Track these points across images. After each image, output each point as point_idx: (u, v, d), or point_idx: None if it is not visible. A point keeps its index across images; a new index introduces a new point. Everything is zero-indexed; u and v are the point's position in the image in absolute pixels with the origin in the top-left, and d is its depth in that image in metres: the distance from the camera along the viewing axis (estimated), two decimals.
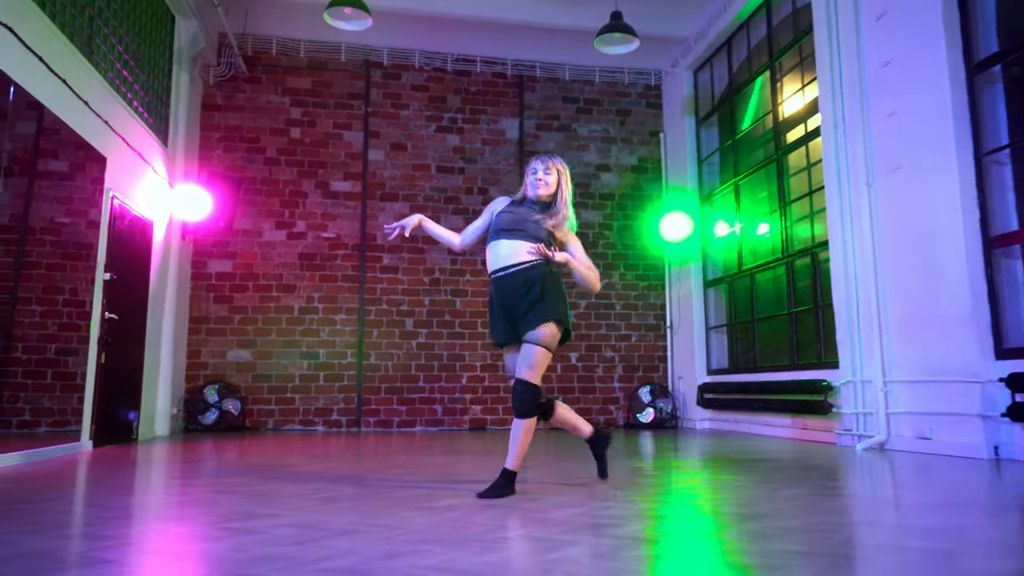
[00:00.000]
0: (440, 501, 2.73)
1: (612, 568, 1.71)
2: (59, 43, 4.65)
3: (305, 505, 2.65)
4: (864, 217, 4.92)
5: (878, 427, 4.73)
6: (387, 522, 2.28)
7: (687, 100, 8.24)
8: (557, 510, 2.52)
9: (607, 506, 2.63)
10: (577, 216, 3.46)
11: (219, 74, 7.77)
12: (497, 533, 2.11)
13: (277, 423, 7.43)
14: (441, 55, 8.37)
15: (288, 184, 7.89)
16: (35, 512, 2.46)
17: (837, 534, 2.09)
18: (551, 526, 2.21)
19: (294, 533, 2.10)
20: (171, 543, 2.06)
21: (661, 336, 8.24)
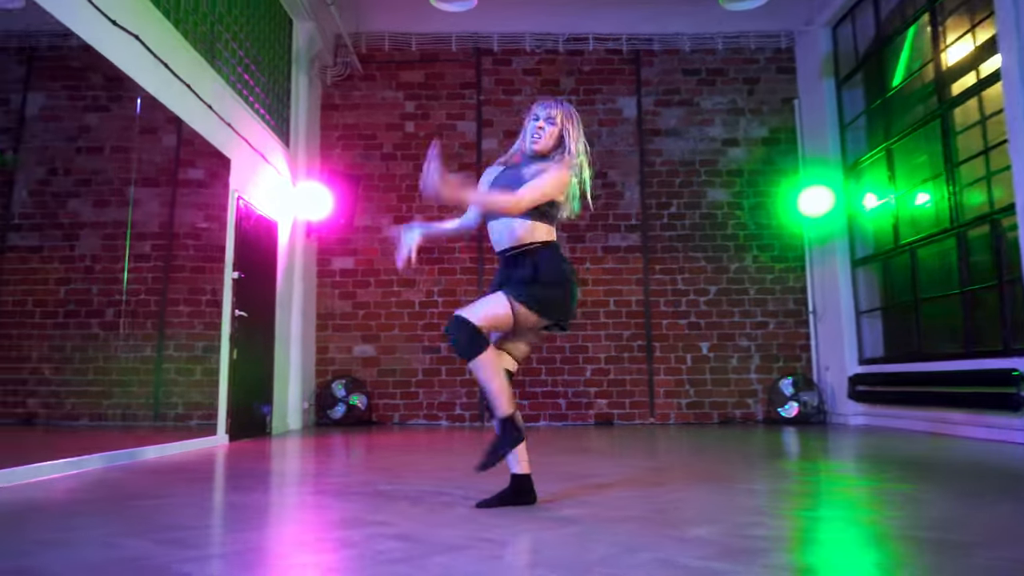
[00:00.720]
0: (562, 510, 2.44)
1: None
2: (184, 50, 4.78)
3: (416, 512, 2.44)
4: None
5: None
6: (498, 536, 2.02)
7: (825, 60, 7.42)
8: (693, 527, 2.13)
9: (747, 522, 2.22)
10: (593, 170, 2.72)
11: (336, 74, 7.89)
12: (625, 558, 1.79)
13: (402, 417, 7.45)
14: (552, 36, 8.06)
15: (404, 179, 7.89)
16: (146, 509, 2.42)
17: None
18: (691, 548, 1.85)
19: (395, 548, 1.88)
20: (262, 554, 1.90)
21: (803, 323, 7.49)
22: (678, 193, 7.80)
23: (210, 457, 4.34)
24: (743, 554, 1.80)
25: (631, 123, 7.95)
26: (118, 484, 3.16)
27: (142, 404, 5.25)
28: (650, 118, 7.96)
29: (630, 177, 7.85)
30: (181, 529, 2.14)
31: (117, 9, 3.96)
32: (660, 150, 7.90)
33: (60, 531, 2.11)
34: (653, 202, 7.79)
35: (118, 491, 2.96)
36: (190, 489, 3.04)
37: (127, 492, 2.93)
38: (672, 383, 7.44)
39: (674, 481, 3.16)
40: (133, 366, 5.20)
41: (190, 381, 5.46)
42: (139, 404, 5.22)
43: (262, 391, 6.06)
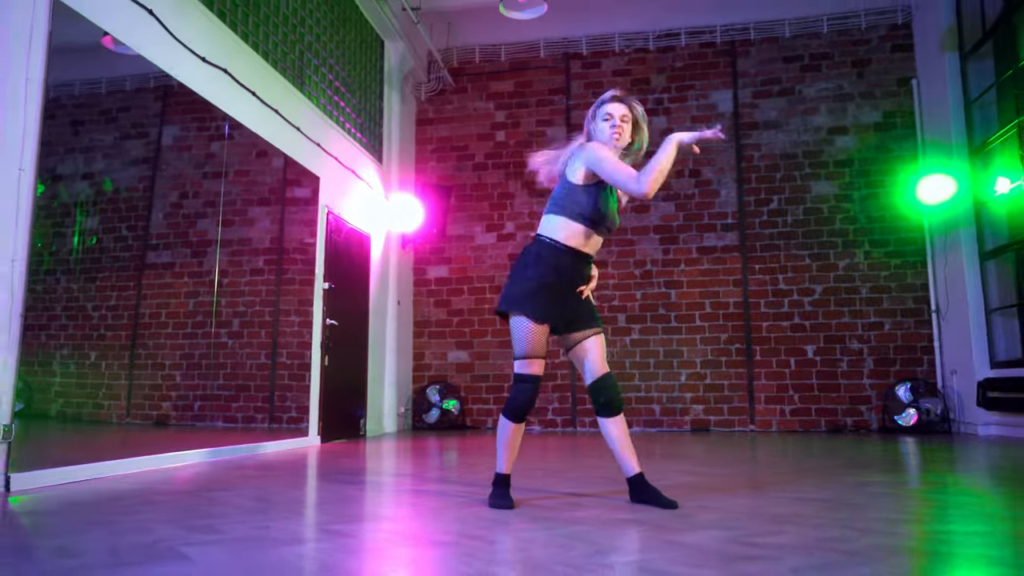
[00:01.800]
0: (567, 512, 2.34)
1: None
2: (272, 79, 5.12)
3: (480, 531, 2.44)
4: None
5: None
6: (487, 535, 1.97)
7: (947, 32, 6.73)
8: (696, 532, 1.98)
9: (762, 531, 2.02)
10: None
11: (430, 89, 8.15)
12: (596, 558, 1.68)
13: (495, 423, 7.51)
14: (642, 34, 7.89)
15: (496, 187, 7.99)
16: (204, 500, 2.59)
17: None
18: (676, 552, 1.71)
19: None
20: (268, 543, 1.97)
21: (924, 323, 6.80)
22: (779, 188, 7.35)
23: (299, 456, 4.57)
24: (734, 561, 1.64)
25: (726, 118, 7.60)
26: (202, 477, 3.40)
27: (259, 408, 5.67)
28: (747, 111, 7.58)
29: (726, 174, 7.49)
30: (219, 517, 2.27)
31: (207, 47, 4.32)
32: (759, 144, 7.49)
33: (117, 515, 2.30)
34: (751, 199, 7.39)
35: (197, 483, 3.19)
36: (259, 483, 3.22)
37: (203, 484, 3.15)
38: (774, 388, 6.99)
39: (730, 488, 2.95)
40: (251, 372, 5.64)
41: (301, 387, 5.81)
42: (256, 407, 5.64)
43: (355, 395, 6.32)
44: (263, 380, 5.79)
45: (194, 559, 1.72)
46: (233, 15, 4.71)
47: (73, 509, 2.47)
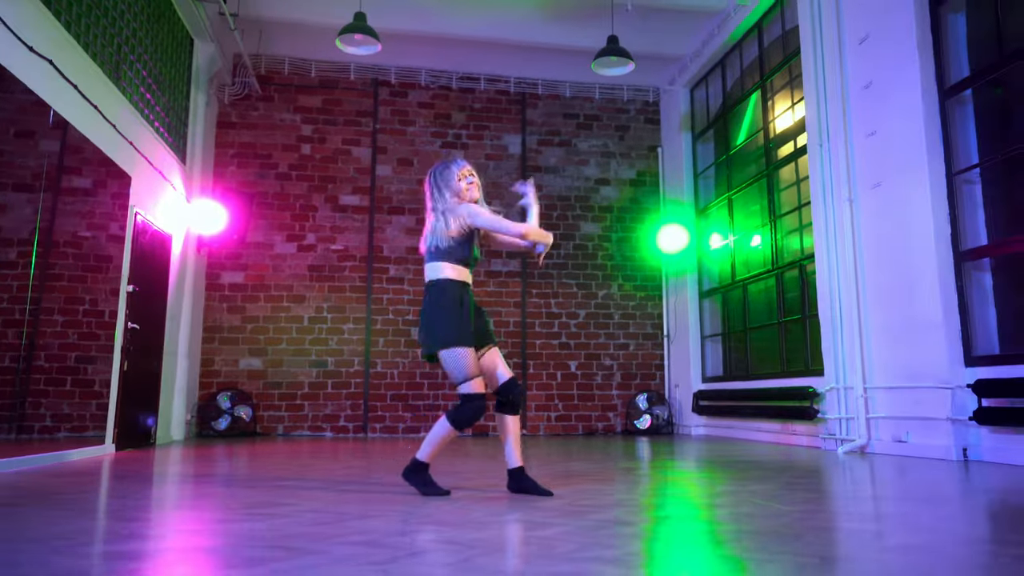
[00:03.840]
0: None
1: (591, 544, 1.97)
2: (91, 71, 4.98)
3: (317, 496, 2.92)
4: (847, 231, 5.17)
5: (859, 431, 4.96)
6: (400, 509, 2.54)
7: (684, 116, 8.51)
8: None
9: (578, 494, 2.88)
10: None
11: (234, 93, 8.12)
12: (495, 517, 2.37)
13: (287, 428, 7.71)
14: (447, 73, 8.69)
15: (299, 198, 8.21)
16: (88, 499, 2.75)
17: (807, 521, 2.34)
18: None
19: (315, 517, 2.37)
20: (201, 525, 2.34)
21: (658, 345, 8.48)
22: (555, 225, 8.60)
23: (101, 465, 4.52)
24: (576, 512, 2.43)
25: (515, 159, 8.70)
26: (53, 483, 3.39)
27: (11, 416, 5.25)
28: (533, 155, 8.75)
29: (512, 209, 8.50)
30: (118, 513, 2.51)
31: (33, 35, 4.17)
32: (541, 185, 8.68)
33: None
34: None
35: (68, 484, 3.21)
36: (106, 487, 3.32)
37: (73, 486, 3.19)
38: (543, 398, 8.17)
39: None
40: (33, 377, 5.23)
41: (60, 391, 5.51)
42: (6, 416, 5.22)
43: (149, 402, 6.18)
44: (4, 386, 5.39)
45: None
46: (59, 2, 4.56)
47: None
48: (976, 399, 4.08)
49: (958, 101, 4.60)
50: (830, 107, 5.46)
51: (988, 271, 4.38)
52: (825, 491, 3.24)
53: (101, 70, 5.15)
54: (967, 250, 4.40)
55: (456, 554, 1.83)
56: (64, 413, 5.50)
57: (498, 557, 1.84)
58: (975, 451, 4.18)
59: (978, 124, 4.50)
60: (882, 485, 3.41)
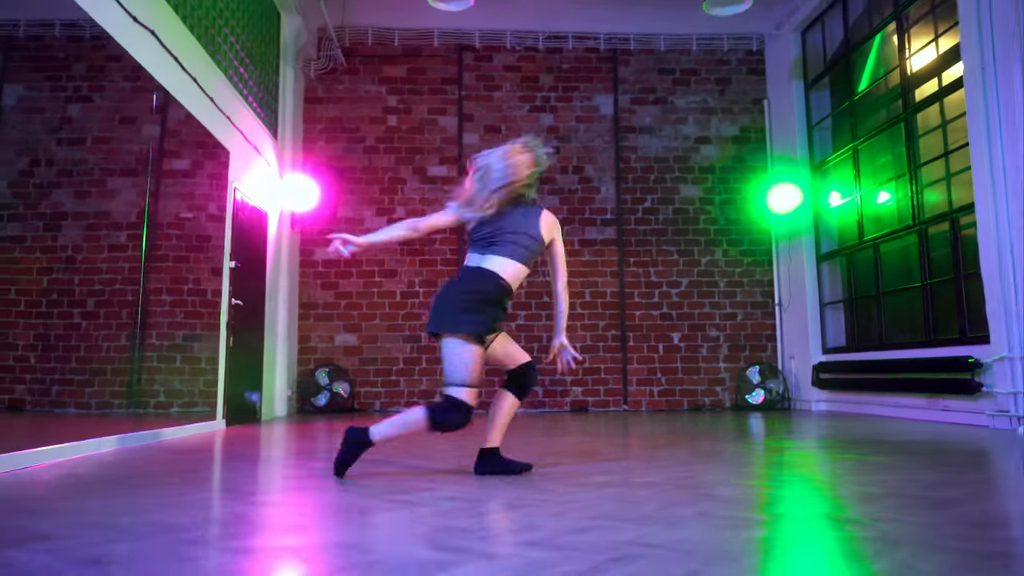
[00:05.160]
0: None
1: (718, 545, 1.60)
2: (190, 44, 4.85)
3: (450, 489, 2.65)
4: (1020, 169, 4.47)
5: None
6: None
7: (794, 63, 7.79)
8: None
9: (709, 484, 2.50)
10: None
11: (319, 67, 7.97)
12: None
13: (384, 404, 7.61)
14: (532, 33, 8.27)
15: (387, 171, 8.03)
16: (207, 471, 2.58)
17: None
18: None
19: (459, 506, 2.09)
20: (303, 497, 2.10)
21: (769, 314, 7.89)
22: (652, 189, 8.11)
23: (215, 439, 4.45)
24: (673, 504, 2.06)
25: (607, 120, 8.22)
26: (177, 460, 3.29)
27: (115, 392, 5.30)
28: (626, 116, 8.24)
29: (606, 173, 8.12)
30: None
31: (134, 4, 4.04)
32: (635, 147, 8.19)
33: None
34: (628, 197, 8.08)
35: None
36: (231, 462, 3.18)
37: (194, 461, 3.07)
38: (644, 372, 7.76)
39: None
40: (106, 355, 5.27)
41: (171, 368, 5.53)
42: (112, 392, 5.27)
43: (253, 378, 6.16)
44: (121, 363, 5.45)
45: None
46: None
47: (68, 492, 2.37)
48: None
49: None
50: (996, 25, 4.71)
51: None
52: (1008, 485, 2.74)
53: (199, 42, 5.02)
54: None
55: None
56: (176, 389, 5.53)
57: None
58: None
59: None
60: None
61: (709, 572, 1.37)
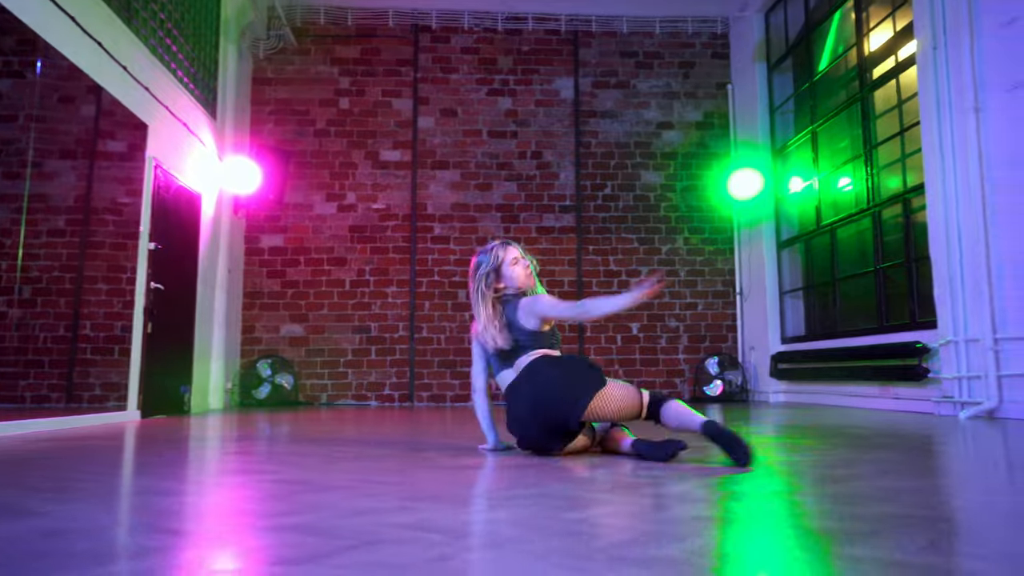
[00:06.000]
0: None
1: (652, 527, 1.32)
2: (94, 5, 4.55)
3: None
4: (971, 148, 4.23)
5: (987, 392, 4.08)
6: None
7: (758, 46, 7.54)
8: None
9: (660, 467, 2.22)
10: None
11: (269, 47, 7.67)
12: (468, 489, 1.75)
13: (330, 398, 7.32)
14: (491, 14, 7.99)
15: (338, 156, 7.73)
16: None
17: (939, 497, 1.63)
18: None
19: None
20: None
21: (730, 304, 7.63)
22: (612, 175, 7.84)
23: (116, 431, 4.16)
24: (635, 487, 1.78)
25: (568, 104, 7.95)
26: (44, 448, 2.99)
27: (54, 386, 5.01)
28: (587, 100, 7.97)
29: (565, 158, 7.85)
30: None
31: None
32: (596, 132, 7.92)
33: None
34: (588, 183, 7.81)
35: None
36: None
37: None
38: (602, 363, 7.48)
39: None
40: (44, 347, 4.97)
41: (107, 361, 5.24)
42: (51, 385, 4.99)
43: (180, 368, 5.86)
44: (60, 355, 5.16)
45: None
46: None
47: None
48: None
49: None
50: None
51: None
52: (946, 468, 2.48)
53: (108, 6, 4.72)
54: None
55: None
56: (113, 382, 5.23)
57: None
58: None
59: None
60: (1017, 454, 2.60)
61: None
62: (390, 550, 1.16)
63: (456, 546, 1.18)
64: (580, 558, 1.14)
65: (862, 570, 1.06)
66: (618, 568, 1.04)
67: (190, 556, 1.16)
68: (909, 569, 1.04)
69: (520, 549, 1.16)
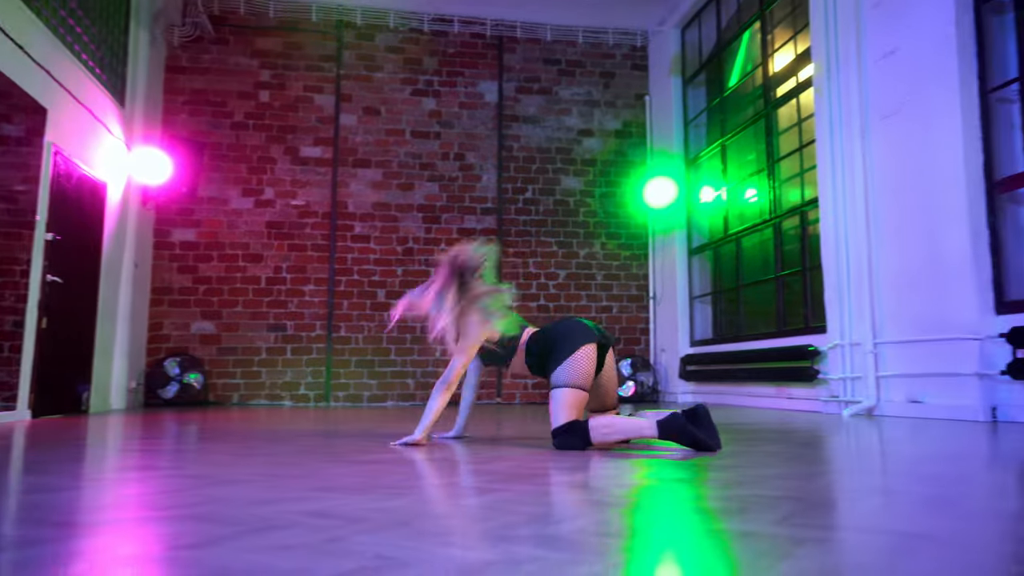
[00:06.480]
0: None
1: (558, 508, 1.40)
2: None
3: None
4: (856, 168, 4.58)
5: (866, 392, 4.42)
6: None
7: (674, 60, 7.87)
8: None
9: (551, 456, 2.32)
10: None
11: (184, 35, 7.40)
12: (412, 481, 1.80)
13: (243, 397, 7.13)
14: (417, 15, 7.99)
15: (256, 150, 7.55)
16: None
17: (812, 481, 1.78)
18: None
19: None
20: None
21: (643, 307, 7.92)
22: (534, 179, 7.99)
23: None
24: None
25: (491, 108, 8.05)
26: None
27: None
28: (510, 104, 8.09)
29: (488, 161, 7.94)
30: None
31: None
32: (518, 136, 8.05)
33: None
34: (509, 186, 7.93)
35: None
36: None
37: None
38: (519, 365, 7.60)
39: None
40: None
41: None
42: None
43: (79, 366, 5.58)
44: None
45: None
46: None
47: None
48: (1010, 350, 3.53)
49: (994, 7, 3.98)
50: (840, 27, 4.83)
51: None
52: (819, 457, 2.70)
53: None
54: (1002, 179, 3.82)
55: None
56: (3, 381, 4.92)
57: None
58: (1006, 410, 3.64)
59: (1019, 31, 3.88)
60: (894, 449, 2.86)
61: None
62: (286, 534, 1.19)
63: (349, 529, 1.23)
64: (471, 537, 1.20)
65: (721, 540, 1.18)
66: (506, 545, 1.11)
67: (82, 545, 1.16)
68: (760, 538, 1.17)
69: (413, 531, 1.22)
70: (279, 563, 1.02)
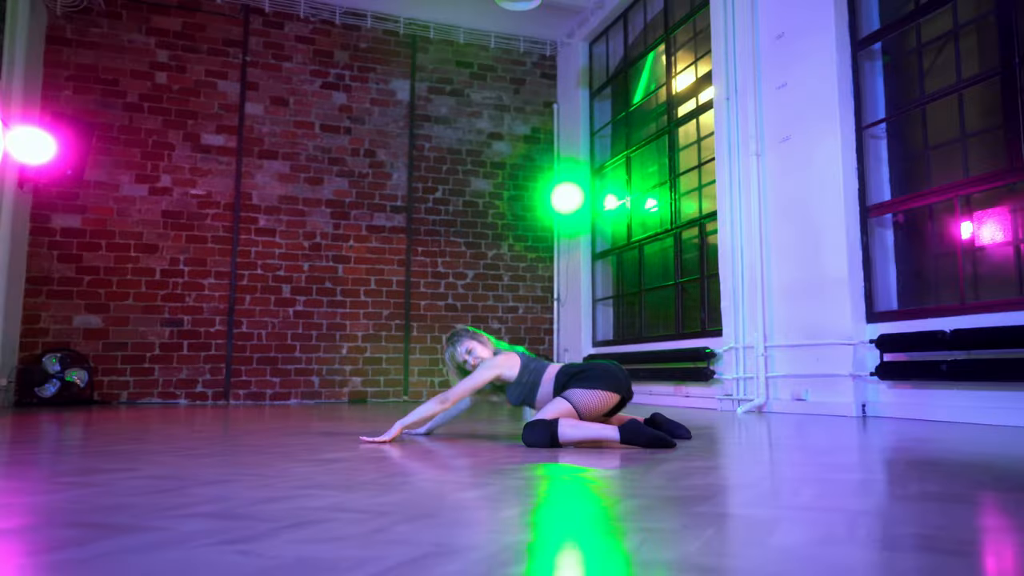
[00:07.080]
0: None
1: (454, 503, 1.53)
2: None
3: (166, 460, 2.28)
4: (752, 187, 5.04)
5: (757, 391, 4.88)
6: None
7: (582, 72, 8.20)
8: None
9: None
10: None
11: (68, 4, 6.87)
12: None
13: (132, 396, 6.74)
14: (329, 6, 7.85)
15: (152, 134, 7.13)
16: None
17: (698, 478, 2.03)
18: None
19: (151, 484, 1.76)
20: None
21: (548, 308, 8.21)
22: (444, 179, 8.07)
23: None
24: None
25: (403, 106, 8.04)
26: None
27: None
28: (422, 104, 8.12)
29: (399, 159, 7.94)
30: None
31: None
32: (430, 136, 8.10)
33: None
34: (420, 186, 7.96)
35: None
36: None
37: None
38: (427, 362, 7.68)
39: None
40: None
41: None
42: None
43: None
44: None
45: None
46: None
47: None
48: (878, 354, 4.05)
49: (868, 55, 4.54)
50: (739, 59, 5.29)
51: (890, 227, 4.37)
52: (717, 449, 3.01)
53: None
54: (873, 205, 4.36)
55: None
56: None
57: None
58: (874, 407, 4.17)
59: (886, 77, 4.45)
60: (781, 440, 3.24)
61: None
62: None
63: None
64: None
65: (615, 510, 1.37)
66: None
67: None
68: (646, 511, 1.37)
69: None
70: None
